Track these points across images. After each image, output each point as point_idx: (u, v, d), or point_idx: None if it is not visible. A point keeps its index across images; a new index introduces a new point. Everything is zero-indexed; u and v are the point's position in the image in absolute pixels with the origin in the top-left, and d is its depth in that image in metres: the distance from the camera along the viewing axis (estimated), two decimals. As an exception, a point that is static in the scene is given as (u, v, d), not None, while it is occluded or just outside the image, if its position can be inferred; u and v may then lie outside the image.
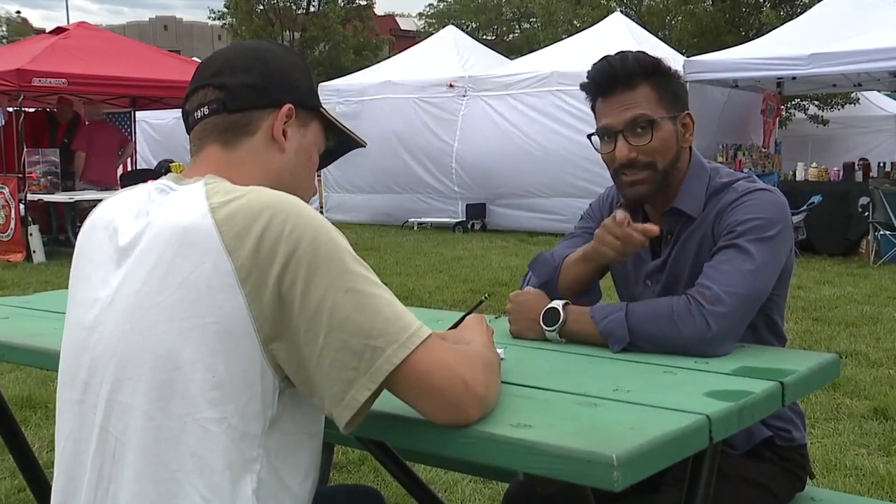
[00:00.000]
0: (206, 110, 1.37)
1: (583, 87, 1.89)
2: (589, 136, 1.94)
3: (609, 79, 1.83)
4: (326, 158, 1.54)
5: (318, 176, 14.36)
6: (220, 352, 1.17)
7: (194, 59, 14.48)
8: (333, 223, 1.25)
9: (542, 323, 1.80)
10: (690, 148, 1.93)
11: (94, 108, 10.86)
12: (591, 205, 2.13)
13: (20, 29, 51.24)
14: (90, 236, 1.35)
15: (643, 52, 1.86)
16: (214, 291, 1.17)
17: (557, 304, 1.80)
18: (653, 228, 1.75)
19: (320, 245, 1.18)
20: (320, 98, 1.49)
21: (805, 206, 9.50)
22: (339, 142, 1.55)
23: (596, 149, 1.91)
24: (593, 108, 1.91)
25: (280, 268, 1.16)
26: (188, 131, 1.41)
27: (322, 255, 1.18)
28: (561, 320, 1.77)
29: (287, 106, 1.38)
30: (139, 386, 1.20)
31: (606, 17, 13.65)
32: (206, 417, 1.17)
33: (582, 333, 1.75)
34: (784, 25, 11.72)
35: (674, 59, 11.62)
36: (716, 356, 1.63)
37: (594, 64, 1.87)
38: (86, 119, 10.82)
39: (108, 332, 1.25)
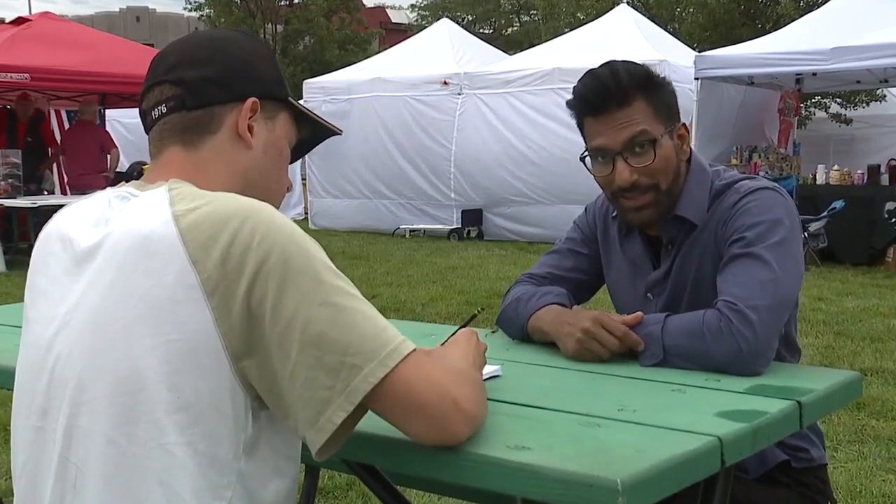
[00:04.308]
0: (163, 109, 1.36)
1: (569, 104, 1.88)
2: (581, 158, 1.91)
3: (600, 96, 1.81)
4: (300, 150, 1.53)
5: (303, 180, 14.40)
6: (185, 371, 1.16)
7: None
8: (319, 230, 1.25)
9: None
10: (690, 151, 1.93)
11: (88, 107, 10.77)
12: (586, 208, 2.13)
13: (-21, 20, 51.17)
14: (45, 248, 1.34)
15: (632, 63, 1.85)
16: (178, 306, 1.16)
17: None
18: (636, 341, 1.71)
19: (292, 255, 1.18)
20: (305, 95, 1.49)
21: (826, 212, 9.51)
22: (311, 132, 1.53)
23: (589, 170, 1.90)
24: (580, 125, 1.89)
25: (249, 281, 1.16)
26: (147, 132, 1.40)
27: (294, 267, 1.17)
28: None
29: (251, 100, 1.37)
30: (100, 409, 1.19)
31: (612, 9, 13.72)
32: (173, 442, 1.16)
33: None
34: (804, 17, 11.76)
35: (684, 54, 11.68)
36: (755, 374, 1.64)
37: (581, 79, 1.86)
38: (77, 117, 10.78)
39: (66, 351, 1.24)
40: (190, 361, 1.16)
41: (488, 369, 1.60)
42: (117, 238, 1.23)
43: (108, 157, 10.85)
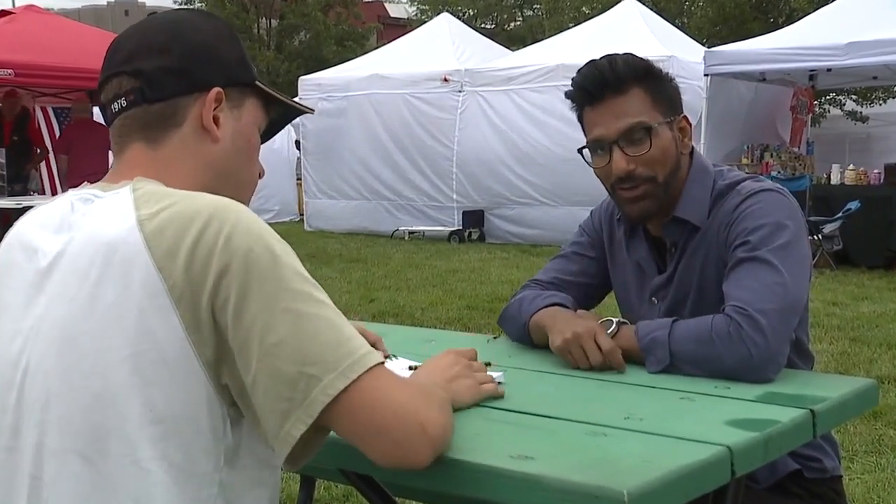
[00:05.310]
0: (123, 102, 1.32)
1: (568, 95, 1.92)
2: (580, 150, 1.96)
3: (597, 84, 1.86)
4: (270, 130, 1.50)
5: (298, 180, 14.38)
6: (157, 383, 1.16)
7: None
8: (315, 232, 1.25)
9: None
10: (692, 150, 1.95)
11: (81, 105, 10.76)
12: (591, 212, 2.15)
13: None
14: (7, 258, 1.32)
15: (632, 55, 1.90)
16: (146, 315, 1.15)
17: (614, 319, 1.83)
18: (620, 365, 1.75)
19: (257, 258, 1.16)
20: (300, 93, 1.47)
21: (841, 214, 9.51)
22: (281, 113, 1.51)
23: (588, 163, 1.94)
24: (580, 119, 1.94)
25: (212, 285, 1.15)
26: (108, 125, 1.37)
27: (257, 271, 1.15)
28: (612, 330, 1.79)
29: (215, 90, 1.33)
30: (70, 427, 1.18)
31: (618, 3, 13.71)
32: (146, 457, 1.16)
33: (626, 350, 1.76)
34: (818, 11, 11.77)
35: (693, 50, 11.69)
36: (766, 381, 1.65)
37: (579, 70, 1.91)
38: (73, 115, 10.75)
39: (34, 367, 1.23)
40: (162, 372, 1.16)
41: (491, 375, 1.61)
42: (81, 246, 1.22)
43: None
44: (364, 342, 1.19)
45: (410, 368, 1.62)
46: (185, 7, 29.84)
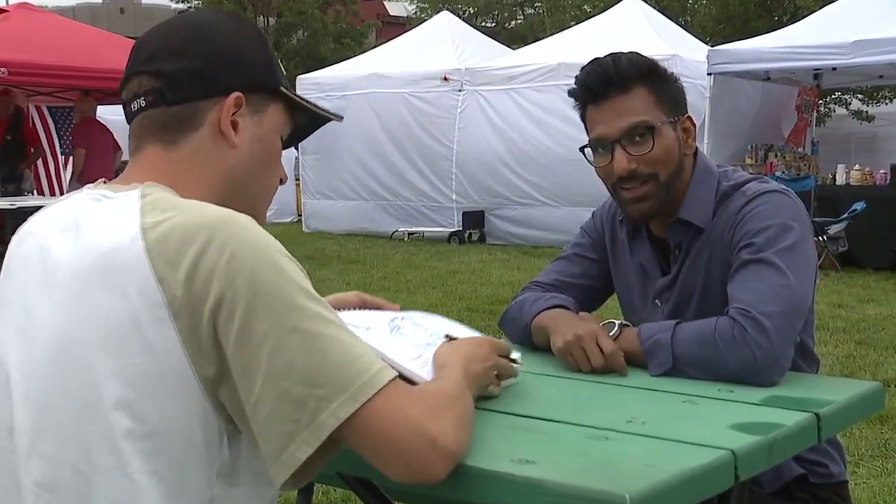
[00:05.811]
0: (142, 102, 1.32)
1: (571, 93, 1.93)
2: (581, 149, 1.97)
3: (601, 82, 1.87)
4: (295, 136, 1.49)
5: (297, 180, 14.39)
6: (150, 396, 1.15)
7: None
8: (313, 233, 1.24)
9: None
10: (696, 151, 1.96)
11: (87, 105, 10.76)
12: (593, 213, 2.15)
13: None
14: (17, 255, 1.32)
15: (637, 53, 1.90)
16: (143, 326, 1.14)
17: (616, 321, 1.84)
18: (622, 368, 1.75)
19: (264, 276, 1.14)
20: (298, 92, 1.45)
21: (846, 214, 9.51)
22: (308, 119, 1.50)
23: (590, 162, 1.94)
24: (583, 117, 1.94)
25: (214, 302, 1.13)
26: (128, 123, 1.37)
27: (264, 289, 1.14)
28: (614, 332, 1.79)
29: (234, 95, 1.32)
30: (63, 436, 1.18)
31: (620, 1, 13.73)
32: (136, 470, 1.15)
33: (628, 352, 1.76)
34: (823, 9, 11.77)
35: (697, 49, 11.69)
36: (770, 384, 1.65)
37: (583, 68, 1.91)
38: (77, 114, 10.76)
39: (30, 372, 1.22)
40: (156, 386, 1.15)
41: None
42: (83, 250, 1.21)
43: (115, 157, 10.80)
44: (376, 358, 1.18)
45: (448, 337, 1.55)
46: (198, 8, 29.86)
